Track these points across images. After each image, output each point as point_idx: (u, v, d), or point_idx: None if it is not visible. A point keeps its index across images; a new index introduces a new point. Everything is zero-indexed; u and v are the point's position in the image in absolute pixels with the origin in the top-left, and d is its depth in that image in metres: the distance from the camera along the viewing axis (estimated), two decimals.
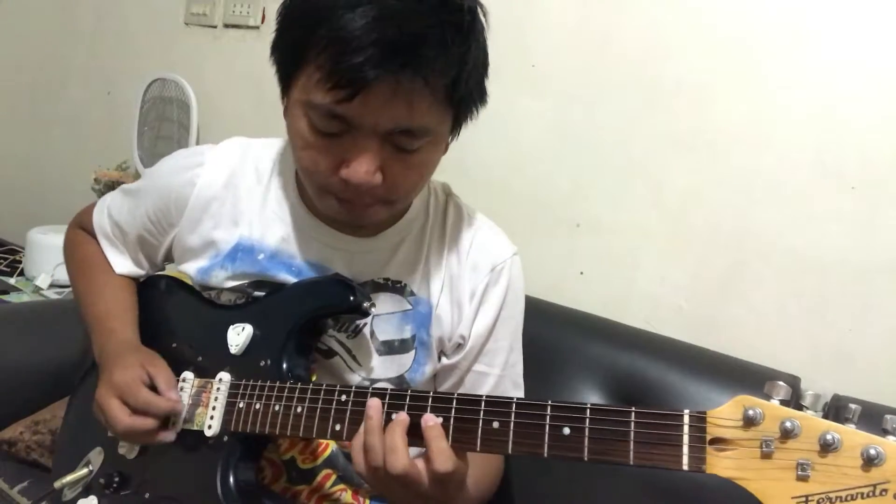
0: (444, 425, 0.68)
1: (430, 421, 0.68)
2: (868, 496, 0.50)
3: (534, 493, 1.09)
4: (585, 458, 0.61)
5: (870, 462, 0.50)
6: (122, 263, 1.02)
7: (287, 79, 0.79)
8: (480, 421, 0.67)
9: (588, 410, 0.62)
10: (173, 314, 0.97)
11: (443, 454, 0.67)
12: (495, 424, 0.66)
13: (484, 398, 0.68)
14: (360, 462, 0.70)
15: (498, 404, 0.67)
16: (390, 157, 0.76)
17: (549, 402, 0.64)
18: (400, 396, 0.72)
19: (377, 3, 0.69)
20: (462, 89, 0.76)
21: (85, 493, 0.90)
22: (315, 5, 0.72)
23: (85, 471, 0.91)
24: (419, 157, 0.78)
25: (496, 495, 0.97)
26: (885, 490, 0.50)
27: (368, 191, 0.77)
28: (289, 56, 0.77)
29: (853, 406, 0.54)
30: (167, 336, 0.93)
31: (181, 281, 0.99)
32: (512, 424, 0.65)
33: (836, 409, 0.63)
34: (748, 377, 1.09)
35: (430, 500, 0.69)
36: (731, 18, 1.22)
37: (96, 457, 0.92)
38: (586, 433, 0.62)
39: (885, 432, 0.52)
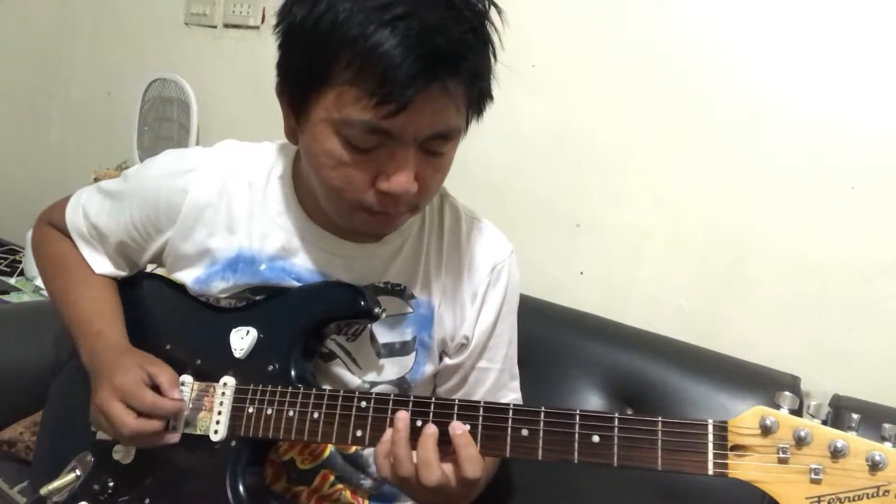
0: (472, 432, 0.70)
1: (459, 429, 0.70)
2: (872, 496, 0.56)
3: (533, 491, 1.09)
4: (615, 465, 0.65)
5: (875, 466, 0.56)
6: (101, 264, 0.98)
7: (303, 99, 0.76)
8: (509, 429, 0.69)
9: (616, 419, 0.65)
10: (164, 315, 0.94)
11: (472, 461, 0.69)
12: (524, 432, 0.68)
13: (511, 406, 0.70)
14: (385, 470, 0.72)
15: (526, 412, 0.69)
16: (423, 163, 0.76)
17: (578, 412, 0.67)
18: (424, 404, 0.73)
19: (414, 18, 0.68)
20: (483, 86, 0.78)
21: (73, 500, 0.87)
22: (336, 27, 0.70)
23: (72, 476, 0.88)
24: (446, 159, 0.80)
25: (497, 492, 0.97)
26: (888, 491, 0.56)
27: (405, 200, 0.77)
28: (306, 77, 0.74)
29: (855, 415, 0.60)
30: (159, 337, 0.91)
31: (168, 280, 0.96)
32: (541, 432, 0.68)
33: (836, 410, 0.67)
34: (748, 377, 1.10)
35: (455, 498, 0.72)
36: (732, 18, 1.22)
37: (84, 461, 0.89)
38: (615, 441, 0.65)
39: (883, 439, 0.58)
